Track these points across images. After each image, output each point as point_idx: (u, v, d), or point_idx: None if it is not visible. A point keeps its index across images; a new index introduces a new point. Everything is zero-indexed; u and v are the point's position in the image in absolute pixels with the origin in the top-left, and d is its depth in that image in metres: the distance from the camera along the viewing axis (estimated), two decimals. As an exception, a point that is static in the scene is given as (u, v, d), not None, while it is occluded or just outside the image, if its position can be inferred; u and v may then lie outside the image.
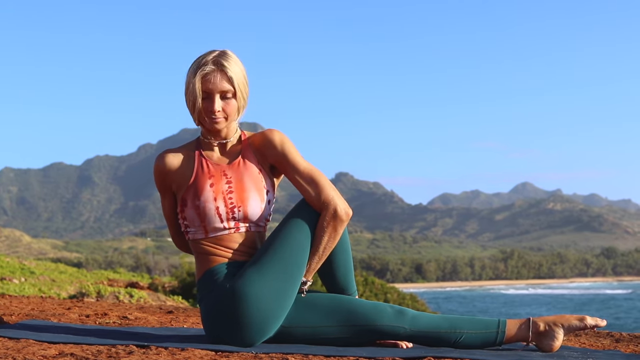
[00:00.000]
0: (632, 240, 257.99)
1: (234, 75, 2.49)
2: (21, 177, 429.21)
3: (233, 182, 2.52)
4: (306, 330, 2.49)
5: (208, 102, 2.50)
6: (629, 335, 3.23)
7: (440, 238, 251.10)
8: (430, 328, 2.49)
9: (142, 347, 2.35)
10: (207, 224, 2.50)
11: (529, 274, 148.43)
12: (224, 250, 2.50)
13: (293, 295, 2.47)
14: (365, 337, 2.49)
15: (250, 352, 2.31)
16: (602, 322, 2.52)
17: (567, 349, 2.68)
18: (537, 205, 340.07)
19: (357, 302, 2.50)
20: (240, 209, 2.50)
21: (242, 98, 2.53)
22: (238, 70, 2.52)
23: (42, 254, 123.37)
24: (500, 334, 2.52)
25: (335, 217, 2.49)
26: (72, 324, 3.20)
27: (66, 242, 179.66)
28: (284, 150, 2.54)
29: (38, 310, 3.86)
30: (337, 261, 2.58)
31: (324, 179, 2.53)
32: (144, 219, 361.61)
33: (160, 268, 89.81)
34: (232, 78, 2.49)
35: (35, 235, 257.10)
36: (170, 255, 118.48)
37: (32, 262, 14.72)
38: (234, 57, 2.55)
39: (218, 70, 2.49)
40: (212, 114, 2.49)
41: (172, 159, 2.57)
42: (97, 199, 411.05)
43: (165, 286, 12.92)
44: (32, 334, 2.56)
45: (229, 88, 2.49)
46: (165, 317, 3.87)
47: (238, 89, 2.50)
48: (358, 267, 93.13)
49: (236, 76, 2.50)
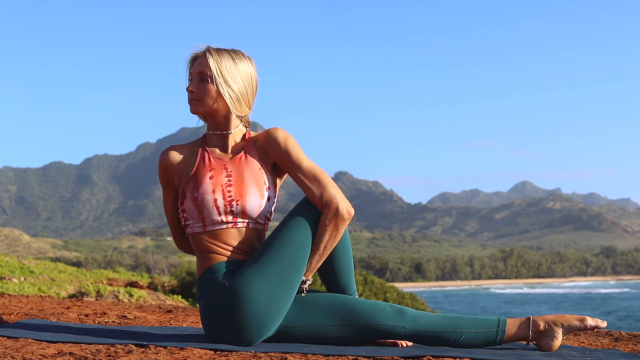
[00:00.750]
0: (631, 239, 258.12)
1: (215, 61, 2.53)
2: (20, 176, 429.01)
3: (233, 176, 2.53)
4: (306, 329, 2.49)
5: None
6: (627, 335, 3.23)
7: (439, 237, 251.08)
8: (430, 327, 2.48)
9: (141, 346, 2.34)
10: (205, 216, 2.50)
11: (528, 273, 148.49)
12: (223, 247, 2.50)
13: (293, 295, 2.46)
14: (365, 337, 2.49)
15: (249, 352, 2.31)
16: (602, 323, 2.51)
17: (566, 348, 2.68)
18: (536, 204, 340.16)
19: (357, 302, 2.50)
20: (238, 202, 2.50)
21: (222, 85, 2.53)
22: (227, 61, 2.54)
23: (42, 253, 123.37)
24: (500, 333, 2.51)
25: (337, 215, 2.49)
26: (71, 323, 3.19)
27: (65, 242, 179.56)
28: (287, 148, 2.55)
29: (37, 310, 3.85)
30: (338, 261, 2.58)
31: (327, 178, 2.53)
32: (144, 218, 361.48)
33: (160, 267, 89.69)
34: (210, 62, 2.52)
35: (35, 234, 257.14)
36: (170, 254, 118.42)
37: (32, 261, 14.72)
38: (237, 52, 2.58)
39: (202, 56, 2.55)
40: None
41: (176, 154, 2.60)
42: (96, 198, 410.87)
43: (165, 285, 12.92)
44: (31, 333, 2.56)
45: (204, 70, 2.53)
46: (164, 317, 3.86)
47: (217, 74, 2.52)
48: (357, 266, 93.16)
49: (218, 63, 2.53)
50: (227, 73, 2.54)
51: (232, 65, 2.55)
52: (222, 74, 2.53)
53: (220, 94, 2.54)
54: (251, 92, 2.60)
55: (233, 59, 2.56)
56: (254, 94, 2.61)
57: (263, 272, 2.42)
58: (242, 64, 2.57)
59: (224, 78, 2.53)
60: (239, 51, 2.60)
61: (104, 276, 12.73)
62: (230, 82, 2.54)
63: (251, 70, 2.59)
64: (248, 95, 2.59)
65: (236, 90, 2.56)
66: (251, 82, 2.59)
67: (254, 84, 2.61)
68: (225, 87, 2.54)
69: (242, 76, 2.57)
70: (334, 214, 2.49)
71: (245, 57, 2.59)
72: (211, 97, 2.54)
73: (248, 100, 2.59)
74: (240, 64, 2.57)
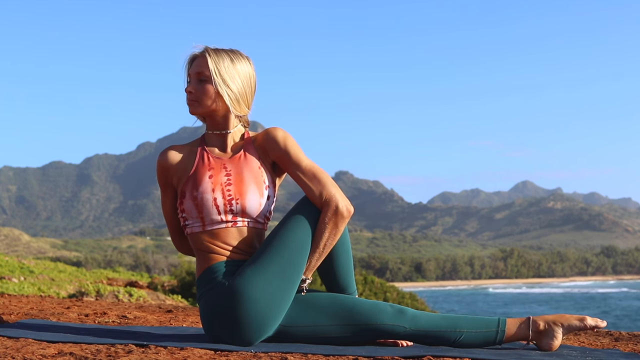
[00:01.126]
0: (632, 239, 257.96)
1: (214, 62, 2.52)
2: (20, 175, 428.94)
3: (232, 175, 2.53)
4: (305, 329, 2.49)
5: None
6: (628, 334, 3.23)
7: (440, 237, 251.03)
8: (430, 327, 2.48)
9: (141, 346, 2.34)
10: (204, 215, 2.50)
11: (528, 273, 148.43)
12: (223, 247, 2.50)
13: (292, 294, 2.46)
14: (365, 337, 2.49)
15: (249, 351, 2.31)
16: (602, 323, 2.51)
17: (566, 347, 2.68)
18: (537, 204, 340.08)
19: (357, 302, 2.50)
20: (238, 201, 2.50)
21: (221, 85, 2.53)
22: (225, 61, 2.54)
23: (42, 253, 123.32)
24: (500, 333, 2.51)
25: (337, 213, 2.49)
26: (71, 323, 3.19)
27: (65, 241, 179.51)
28: (286, 147, 2.55)
29: (37, 310, 3.85)
30: (338, 260, 2.58)
31: (326, 177, 2.53)
32: (144, 218, 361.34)
33: (160, 267, 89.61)
34: (209, 63, 2.52)
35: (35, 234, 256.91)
36: (170, 254, 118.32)
37: (32, 261, 14.71)
38: (235, 52, 2.58)
39: (200, 56, 2.55)
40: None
41: (175, 154, 2.60)
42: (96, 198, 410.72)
43: (165, 285, 12.92)
44: (31, 333, 2.56)
45: (202, 71, 2.53)
46: (164, 316, 3.86)
47: (215, 74, 2.52)
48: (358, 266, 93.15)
49: (217, 64, 2.53)
50: (226, 73, 2.54)
51: (231, 66, 2.55)
52: (220, 74, 2.53)
53: (219, 94, 2.54)
54: (250, 91, 2.60)
55: (231, 59, 2.56)
56: (252, 93, 2.61)
57: (263, 272, 2.41)
58: (240, 64, 2.57)
59: (223, 78, 2.53)
60: (237, 51, 2.59)
61: (104, 276, 12.72)
62: (229, 82, 2.54)
63: (249, 70, 2.59)
64: (247, 95, 2.59)
65: (235, 90, 2.56)
66: (250, 82, 2.59)
67: (253, 84, 2.61)
68: (224, 88, 2.54)
69: (240, 76, 2.57)
70: (333, 212, 2.49)
71: (244, 57, 2.59)
72: (210, 98, 2.54)
73: (247, 100, 2.59)
74: (238, 64, 2.57)
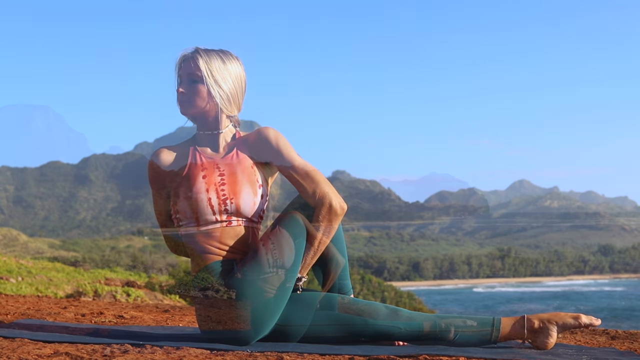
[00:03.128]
0: (629, 237, 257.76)
1: (205, 62, 2.53)
2: (18, 175, 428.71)
3: (226, 175, 2.53)
4: (302, 328, 2.49)
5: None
6: (624, 333, 3.23)
7: (437, 236, 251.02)
8: (425, 327, 2.49)
9: (137, 346, 2.34)
10: (199, 215, 2.50)
11: (526, 271, 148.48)
12: (218, 246, 2.50)
13: (288, 293, 2.47)
14: (361, 337, 2.50)
15: (245, 351, 2.31)
16: (596, 322, 2.51)
17: (562, 346, 2.68)
18: (534, 202, 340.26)
19: (353, 302, 2.51)
20: (232, 201, 2.50)
21: (212, 86, 2.54)
22: (216, 62, 2.55)
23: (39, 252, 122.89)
24: (496, 331, 2.52)
25: (331, 211, 2.50)
26: (67, 323, 3.19)
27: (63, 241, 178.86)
28: (278, 147, 2.55)
29: (34, 310, 3.85)
30: (333, 260, 2.58)
31: (319, 175, 2.54)
32: (141, 218, 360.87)
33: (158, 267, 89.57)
34: (200, 63, 2.53)
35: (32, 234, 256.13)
36: (168, 254, 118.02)
37: (29, 261, 14.69)
38: (226, 53, 2.59)
39: (191, 57, 2.56)
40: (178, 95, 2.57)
41: (167, 155, 2.60)
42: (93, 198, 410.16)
43: (163, 285, 12.91)
44: (27, 333, 2.56)
45: (194, 71, 2.54)
46: (161, 316, 3.87)
47: (207, 75, 2.53)
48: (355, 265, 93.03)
49: (208, 64, 2.54)
50: (217, 74, 2.55)
51: (222, 66, 2.56)
52: (212, 74, 2.54)
53: (211, 95, 2.55)
54: (241, 92, 2.61)
55: (222, 59, 2.57)
56: (243, 93, 2.63)
57: (258, 271, 2.42)
58: (231, 65, 2.58)
59: (215, 79, 2.54)
60: (227, 52, 2.61)
61: (102, 276, 12.70)
62: (220, 82, 2.55)
63: (240, 71, 2.60)
64: (238, 95, 2.60)
65: (226, 90, 2.57)
66: (240, 82, 2.61)
67: (243, 84, 2.62)
68: (216, 88, 2.55)
69: (231, 76, 2.58)
70: (327, 209, 2.50)
71: (234, 58, 2.60)
72: (202, 98, 2.55)
73: (238, 100, 2.61)
74: (229, 64, 2.58)
